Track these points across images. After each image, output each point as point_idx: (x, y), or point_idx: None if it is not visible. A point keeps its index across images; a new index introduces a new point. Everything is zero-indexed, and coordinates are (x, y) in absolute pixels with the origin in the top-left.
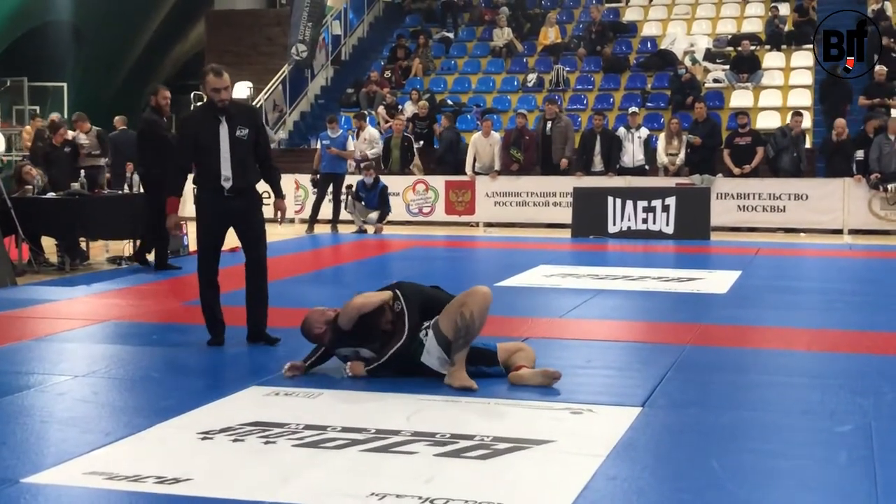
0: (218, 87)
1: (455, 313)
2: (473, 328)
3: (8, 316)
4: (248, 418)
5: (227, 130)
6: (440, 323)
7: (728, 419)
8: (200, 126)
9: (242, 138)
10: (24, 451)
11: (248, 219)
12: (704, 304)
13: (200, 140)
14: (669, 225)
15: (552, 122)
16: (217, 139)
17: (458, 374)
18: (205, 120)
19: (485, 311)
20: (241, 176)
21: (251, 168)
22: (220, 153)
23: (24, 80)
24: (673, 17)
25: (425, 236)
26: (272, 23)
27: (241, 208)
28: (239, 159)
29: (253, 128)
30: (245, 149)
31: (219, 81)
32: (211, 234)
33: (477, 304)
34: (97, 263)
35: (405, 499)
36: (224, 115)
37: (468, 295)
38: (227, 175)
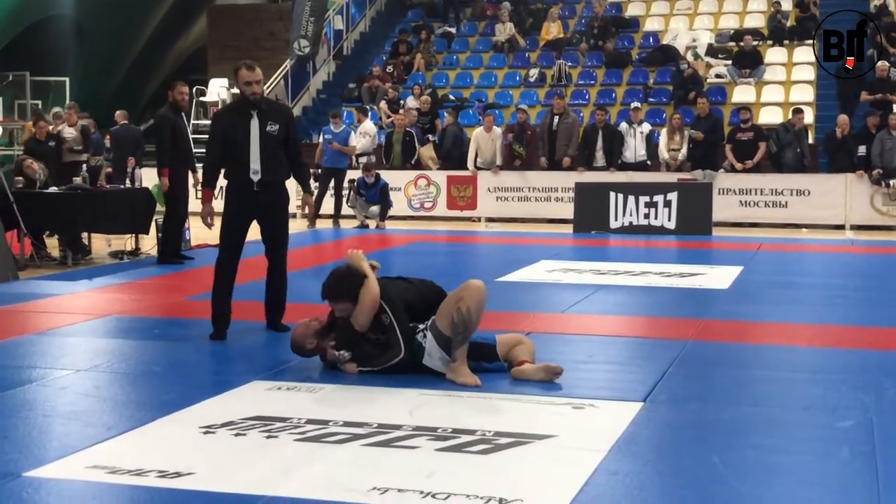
0: (249, 81)
1: (451, 309)
2: (471, 323)
3: (10, 310)
4: (250, 412)
5: (258, 125)
6: (437, 322)
7: (729, 414)
8: (232, 120)
9: (273, 133)
10: (27, 444)
11: (273, 213)
12: (706, 299)
13: (231, 134)
14: (671, 220)
15: (559, 117)
16: (248, 133)
17: (461, 369)
18: (236, 114)
19: (481, 305)
20: (270, 170)
21: (280, 163)
22: (250, 147)
23: (26, 75)
24: (675, 13)
25: (427, 231)
26: (274, 17)
27: (268, 203)
28: (268, 154)
29: (284, 124)
30: (275, 144)
31: (251, 75)
32: (235, 227)
33: (472, 298)
34: (99, 258)
35: (407, 493)
36: (255, 110)
37: (463, 290)
38: (255, 168)
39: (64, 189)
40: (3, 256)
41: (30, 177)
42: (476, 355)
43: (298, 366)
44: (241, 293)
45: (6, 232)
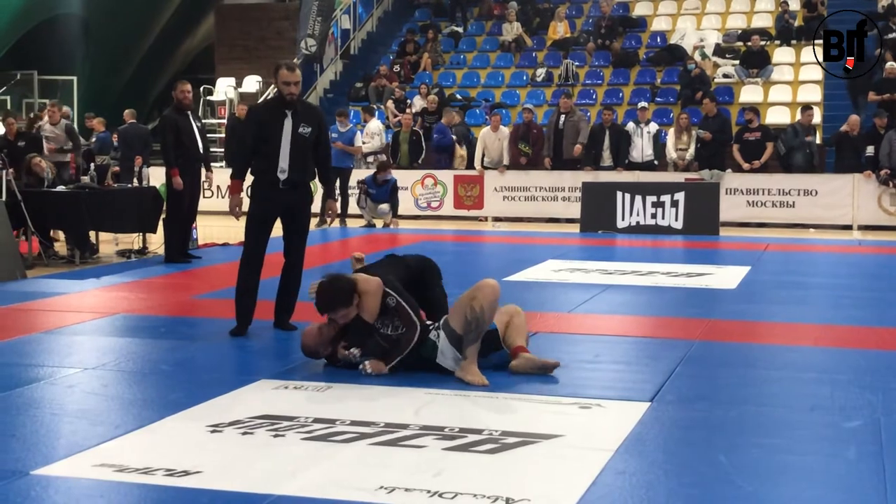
0: (289, 81)
1: (465, 307)
2: (483, 321)
3: (18, 309)
4: (258, 411)
5: (292, 125)
6: (450, 321)
7: (737, 414)
8: (266, 117)
9: (305, 135)
10: (34, 443)
11: (296, 212)
12: (713, 299)
13: (264, 131)
14: (678, 220)
15: (566, 115)
16: (280, 132)
17: (471, 368)
18: (271, 112)
19: (494, 304)
20: (298, 170)
21: (308, 165)
22: (281, 146)
23: (33, 74)
24: (683, 12)
25: (434, 230)
26: (281, 17)
27: (292, 201)
28: (298, 155)
29: (316, 127)
30: (306, 146)
31: (290, 76)
32: (260, 225)
33: (486, 297)
34: (106, 257)
35: (413, 492)
36: (290, 110)
37: (477, 289)
38: (283, 167)
39: (72, 188)
40: (11, 255)
41: (38, 175)
42: (485, 349)
43: (305, 365)
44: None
45: (14, 231)
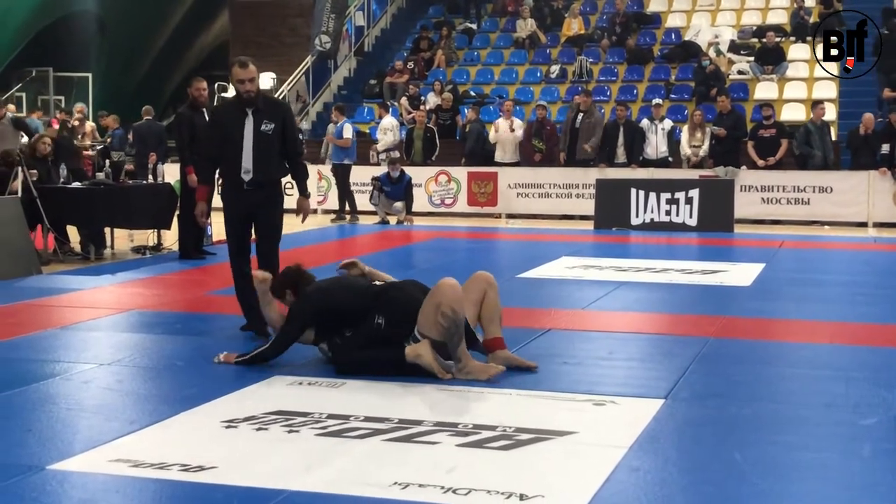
0: (242, 79)
1: (435, 317)
2: (459, 321)
3: (33, 304)
4: (272, 407)
5: (253, 123)
6: (424, 332)
7: (751, 411)
8: (228, 118)
9: (267, 132)
10: (50, 438)
11: (264, 212)
12: (728, 296)
13: (226, 131)
14: (693, 217)
15: (583, 114)
16: (241, 131)
17: (472, 366)
18: (232, 112)
19: (460, 300)
20: (263, 170)
21: (274, 163)
22: (243, 146)
23: (49, 71)
24: (697, 9)
25: (447, 227)
26: (295, 13)
27: (259, 202)
28: (262, 153)
29: (280, 122)
30: (269, 143)
31: (243, 73)
32: (235, 228)
33: (448, 297)
34: (121, 253)
35: (427, 489)
36: (251, 108)
37: (439, 294)
38: (247, 168)
39: (87, 184)
40: (27, 251)
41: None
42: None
43: (320, 361)
44: None
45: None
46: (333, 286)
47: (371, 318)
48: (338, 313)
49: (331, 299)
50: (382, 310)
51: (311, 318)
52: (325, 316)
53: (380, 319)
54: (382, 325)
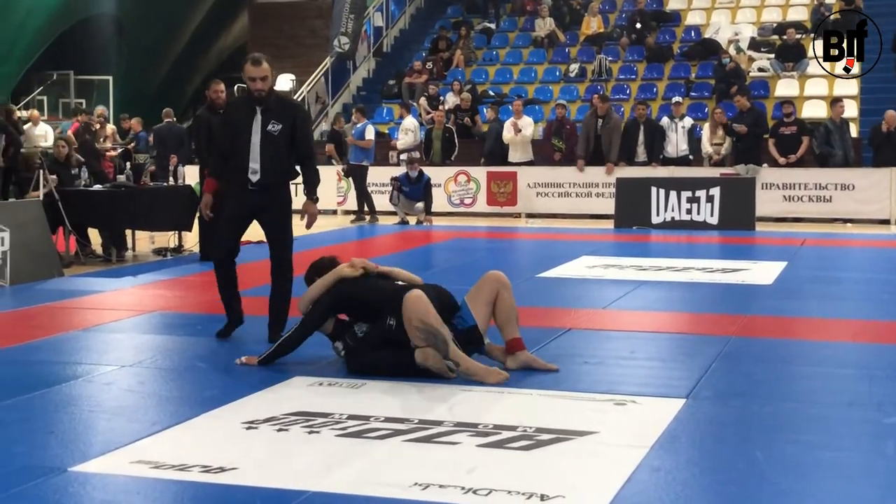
0: (254, 76)
1: (412, 330)
2: (433, 328)
3: (55, 307)
4: (293, 408)
5: (261, 122)
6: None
7: (773, 410)
8: (236, 115)
9: (273, 133)
10: (72, 440)
11: (271, 216)
12: (749, 295)
13: (234, 129)
14: (714, 215)
15: (602, 119)
16: (249, 130)
17: (474, 366)
18: (242, 109)
19: (424, 310)
20: (270, 171)
21: (282, 165)
22: (250, 145)
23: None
24: (717, 6)
25: (467, 227)
26: (314, 15)
27: (265, 204)
28: (269, 154)
29: (289, 124)
30: (276, 144)
31: (255, 70)
32: (230, 228)
33: (413, 311)
34: (142, 255)
35: (448, 489)
36: (260, 106)
37: (405, 310)
38: (254, 168)
39: (108, 186)
40: (49, 254)
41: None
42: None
43: (340, 361)
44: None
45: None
46: (359, 279)
47: (384, 319)
48: (356, 305)
49: (353, 290)
50: (393, 311)
51: (332, 304)
52: (345, 304)
53: (391, 321)
54: (394, 327)
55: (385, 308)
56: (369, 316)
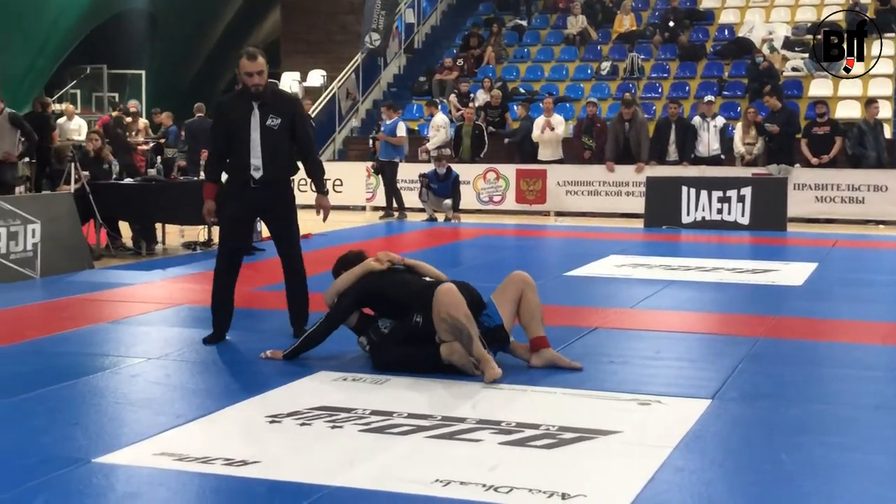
0: (251, 72)
1: (439, 322)
2: (459, 323)
3: (85, 299)
4: (316, 403)
5: (259, 118)
6: (439, 334)
7: (799, 412)
8: (233, 112)
9: (273, 127)
10: (97, 431)
11: (276, 213)
12: (778, 296)
13: (232, 126)
14: (745, 216)
15: (628, 122)
16: (248, 127)
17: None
18: (238, 106)
19: (457, 304)
20: (272, 167)
21: (283, 160)
22: (250, 141)
23: (103, 68)
24: (751, 5)
25: (495, 225)
26: (346, 11)
27: (269, 201)
28: (270, 150)
29: (288, 118)
30: (277, 139)
31: (251, 65)
32: (234, 228)
33: (444, 303)
34: (172, 248)
35: (469, 486)
36: (257, 102)
37: (437, 303)
38: (256, 165)
39: (139, 180)
40: (79, 246)
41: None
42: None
43: (364, 357)
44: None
45: (83, 222)
46: (386, 273)
47: (410, 315)
48: (382, 301)
49: (380, 284)
50: (421, 308)
51: (358, 298)
52: (371, 299)
53: (418, 318)
54: (420, 324)
55: (413, 305)
56: (396, 312)
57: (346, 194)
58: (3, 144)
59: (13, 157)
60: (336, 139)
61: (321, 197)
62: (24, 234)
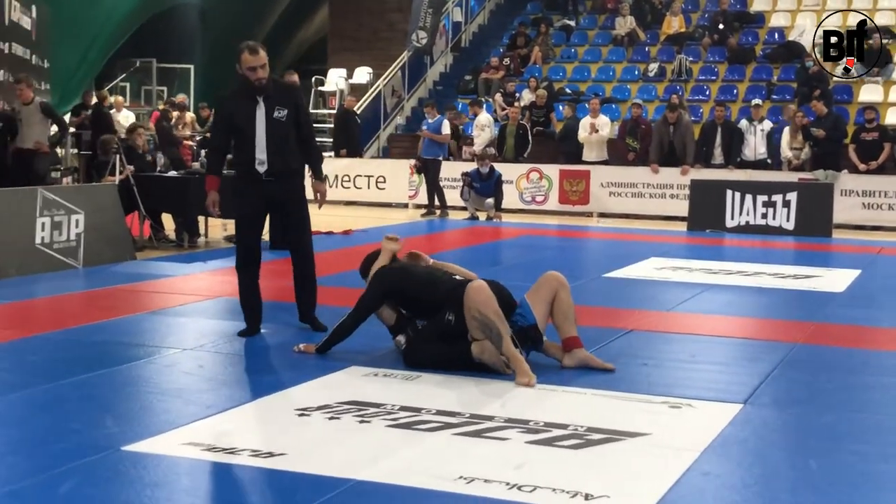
0: (254, 66)
1: (470, 320)
2: (489, 320)
3: (126, 289)
4: (346, 397)
5: (265, 111)
6: (471, 332)
7: (832, 419)
8: (236, 107)
9: (280, 119)
10: (128, 419)
11: (286, 206)
12: (819, 302)
13: (236, 121)
14: (790, 221)
15: (673, 126)
16: (253, 121)
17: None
18: (241, 100)
19: (488, 301)
20: (279, 159)
21: (290, 151)
22: (256, 135)
23: (152, 62)
24: (802, 8)
25: (537, 225)
26: (394, 9)
27: (279, 194)
28: (276, 142)
29: (293, 107)
30: (284, 130)
31: (254, 59)
32: (248, 224)
33: (474, 300)
34: (214, 241)
35: (493, 483)
36: (261, 96)
37: (467, 299)
38: (261, 159)
39: (182, 173)
40: (123, 237)
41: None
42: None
43: (396, 353)
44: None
45: (126, 214)
46: (417, 270)
47: (443, 313)
48: (412, 297)
49: (409, 280)
50: (453, 306)
51: (388, 290)
52: (401, 295)
53: (450, 316)
54: (452, 322)
55: (444, 303)
56: (428, 310)
57: (389, 191)
58: (33, 134)
59: (45, 147)
60: (380, 137)
61: (318, 183)
62: (68, 224)
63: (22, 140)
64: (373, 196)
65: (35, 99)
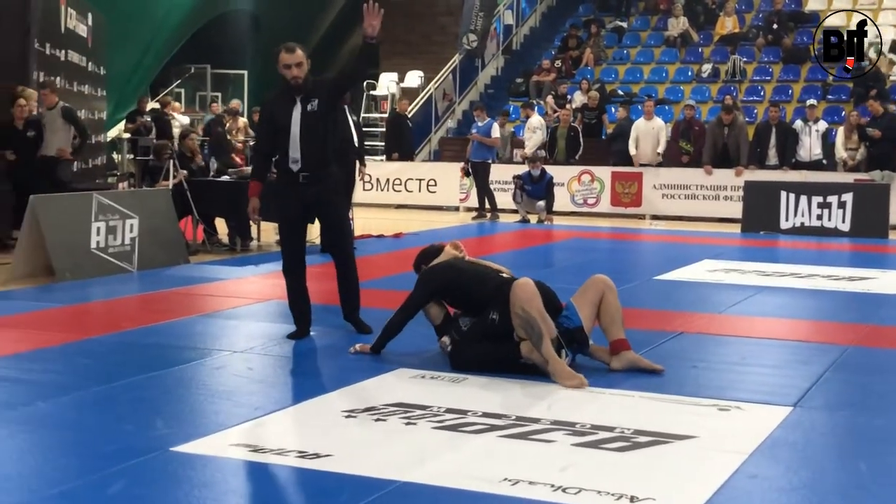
0: (289, 64)
1: (515, 317)
2: (532, 319)
3: (178, 292)
4: (393, 399)
5: (300, 109)
6: (516, 331)
7: (884, 423)
8: (277, 108)
9: (313, 111)
10: (177, 421)
11: (324, 208)
12: (873, 304)
13: (276, 122)
14: (846, 222)
15: (728, 127)
16: (289, 119)
17: (558, 369)
18: (281, 101)
19: (532, 299)
20: (311, 157)
21: (322, 146)
22: (290, 134)
23: (206, 68)
24: (858, 7)
25: (588, 227)
26: (445, 12)
27: (317, 196)
28: (308, 137)
29: (324, 95)
30: (315, 123)
31: (290, 57)
32: (291, 230)
33: (519, 297)
34: (266, 245)
35: (537, 486)
36: (299, 95)
37: (513, 296)
38: (295, 157)
39: (235, 178)
40: (176, 241)
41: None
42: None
43: (443, 356)
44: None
45: (180, 219)
46: (467, 267)
47: (487, 312)
48: (461, 294)
49: (460, 278)
50: (498, 304)
51: (436, 288)
52: (449, 292)
53: (494, 315)
54: (496, 321)
55: (489, 302)
56: (473, 308)
57: (440, 194)
58: (56, 140)
59: (67, 154)
60: (432, 140)
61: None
62: (123, 229)
63: (46, 147)
64: (424, 199)
65: (59, 104)
